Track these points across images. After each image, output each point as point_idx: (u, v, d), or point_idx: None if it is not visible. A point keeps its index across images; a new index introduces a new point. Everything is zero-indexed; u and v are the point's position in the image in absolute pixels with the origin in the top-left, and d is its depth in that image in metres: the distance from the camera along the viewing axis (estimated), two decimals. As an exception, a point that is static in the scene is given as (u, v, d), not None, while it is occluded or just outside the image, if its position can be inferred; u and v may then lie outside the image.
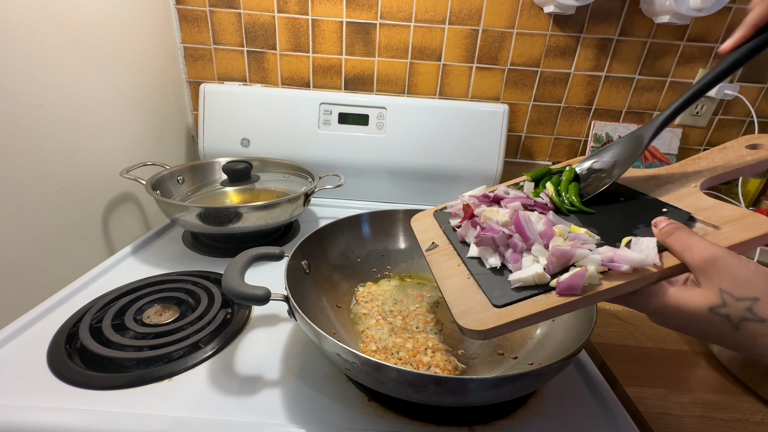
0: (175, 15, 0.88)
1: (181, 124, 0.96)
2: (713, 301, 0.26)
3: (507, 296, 0.32)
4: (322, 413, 0.40)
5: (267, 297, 0.40)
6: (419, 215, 0.52)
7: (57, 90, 0.61)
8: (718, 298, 0.26)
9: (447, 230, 0.45)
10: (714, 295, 0.26)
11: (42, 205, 0.60)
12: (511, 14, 0.85)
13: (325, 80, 0.93)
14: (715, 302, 0.26)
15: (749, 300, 0.25)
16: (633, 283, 0.29)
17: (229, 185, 0.79)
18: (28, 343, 0.46)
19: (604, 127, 0.94)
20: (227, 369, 0.45)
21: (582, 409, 0.43)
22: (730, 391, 0.47)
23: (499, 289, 0.33)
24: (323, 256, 0.57)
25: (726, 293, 0.25)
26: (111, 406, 0.39)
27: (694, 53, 0.87)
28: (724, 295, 0.25)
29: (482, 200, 0.44)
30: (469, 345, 0.49)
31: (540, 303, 0.30)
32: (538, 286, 0.31)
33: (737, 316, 0.25)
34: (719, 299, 0.26)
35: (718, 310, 0.26)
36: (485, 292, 0.33)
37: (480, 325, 0.30)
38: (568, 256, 0.31)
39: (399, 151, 0.89)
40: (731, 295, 0.25)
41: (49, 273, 0.61)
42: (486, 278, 0.35)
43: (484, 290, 0.33)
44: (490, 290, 0.33)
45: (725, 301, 0.25)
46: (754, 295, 0.25)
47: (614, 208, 0.37)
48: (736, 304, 0.25)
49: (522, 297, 0.31)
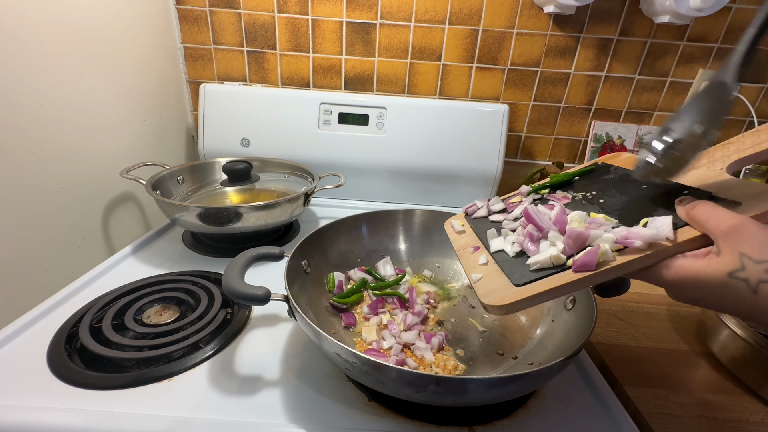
0: (175, 15, 0.88)
1: (181, 124, 0.96)
2: (733, 265, 0.26)
3: (526, 276, 0.34)
4: (322, 413, 0.40)
5: (267, 297, 0.40)
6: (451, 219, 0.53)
7: (57, 90, 0.61)
8: (738, 262, 0.26)
9: (476, 228, 0.46)
10: (734, 260, 0.26)
11: (42, 205, 0.60)
12: (511, 14, 0.85)
13: (325, 80, 0.93)
14: (734, 267, 0.26)
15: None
16: (648, 257, 0.30)
17: (229, 185, 0.79)
18: (28, 343, 0.46)
19: (604, 127, 0.94)
20: (227, 369, 0.45)
21: (582, 409, 0.43)
22: (730, 391, 0.47)
23: (520, 272, 0.35)
24: (323, 256, 0.57)
25: (746, 257, 0.26)
26: (111, 406, 0.39)
27: (694, 53, 0.87)
28: (744, 258, 0.26)
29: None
30: (468, 345, 0.49)
31: (556, 279, 0.32)
32: (555, 266, 0.33)
33: (756, 278, 0.25)
34: (739, 263, 0.26)
35: (737, 274, 0.26)
36: (507, 275, 0.36)
37: (501, 301, 0.33)
38: (583, 237, 0.33)
39: (399, 151, 0.89)
40: (751, 258, 0.25)
41: (49, 273, 0.61)
42: (508, 264, 0.37)
43: (506, 274, 0.36)
44: (511, 273, 0.36)
45: (744, 264, 0.25)
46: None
47: (636, 195, 0.37)
48: (755, 267, 0.25)
49: (540, 276, 0.33)
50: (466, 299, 0.58)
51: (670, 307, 0.62)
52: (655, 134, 0.35)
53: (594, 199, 0.40)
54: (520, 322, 0.52)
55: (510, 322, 0.53)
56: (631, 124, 0.94)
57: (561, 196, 0.43)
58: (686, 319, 0.59)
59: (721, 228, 0.27)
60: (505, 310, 0.33)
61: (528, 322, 0.52)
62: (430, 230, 0.64)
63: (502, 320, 0.53)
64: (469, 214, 0.50)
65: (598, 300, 0.43)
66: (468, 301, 0.57)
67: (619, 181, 0.40)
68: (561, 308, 0.49)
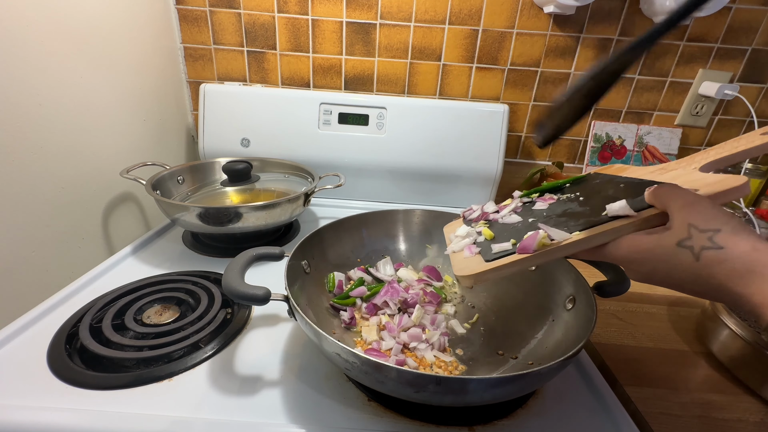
0: (175, 15, 0.88)
1: (181, 124, 0.96)
2: (681, 235, 0.28)
3: (494, 255, 0.40)
4: (322, 413, 0.40)
5: (267, 297, 0.40)
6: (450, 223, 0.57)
7: (57, 90, 0.61)
8: (686, 232, 0.28)
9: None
10: (683, 230, 0.28)
11: (42, 205, 0.60)
12: (511, 14, 0.85)
13: (325, 80, 0.93)
14: (682, 236, 0.28)
15: (711, 231, 0.27)
16: (605, 234, 0.34)
17: (229, 185, 0.79)
18: (28, 343, 0.46)
19: (604, 127, 0.94)
20: (227, 369, 0.45)
21: (582, 409, 0.43)
22: (730, 391, 0.47)
23: (491, 254, 0.41)
24: (323, 256, 0.57)
25: (693, 227, 0.28)
26: (111, 406, 0.39)
27: (694, 53, 0.87)
28: (691, 228, 0.28)
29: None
30: (468, 345, 0.49)
31: (518, 256, 0.38)
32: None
33: (699, 246, 0.27)
34: (686, 232, 0.28)
35: (684, 242, 0.28)
36: (482, 255, 0.41)
37: (469, 272, 0.40)
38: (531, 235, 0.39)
39: (399, 151, 0.89)
40: (697, 228, 0.28)
41: (49, 273, 0.61)
42: (485, 247, 0.43)
43: (482, 255, 0.42)
44: (484, 254, 0.41)
45: (691, 233, 0.28)
46: (716, 227, 0.27)
47: (612, 192, 0.40)
48: (700, 235, 0.28)
49: (504, 254, 0.39)
50: (464, 299, 0.58)
51: (670, 307, 0.62)
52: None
53: (575, 199, 0.43)
54: (520, 322, 0.52)
55: (510, 322, 0.53)
56: (631, 124, 0.94)
57: (548, 197, 0.46)
58: (686, 319, 0.59)
59: (678, 204, 0.30)
60: (473, 280, 0.39)
61: (528, 322, 0.52)
62: (430, 230, 0.64)
63: (502, 320, 0.53)
64: (466, 218, 0.53)
65: (598, 300, 0.44)
66: (467, 301, 0.57)
67: (602, 184, 0.44)
68: (561, 308, 0.49)
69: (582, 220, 0.37)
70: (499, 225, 0.46)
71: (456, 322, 0.53)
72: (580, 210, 0.40)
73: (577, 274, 0.48)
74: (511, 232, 0.43)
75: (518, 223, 0.44)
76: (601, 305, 0.60)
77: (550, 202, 0.45)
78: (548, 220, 0.41)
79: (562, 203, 0.43)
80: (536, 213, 0.44)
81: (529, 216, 0.44)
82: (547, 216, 0.42)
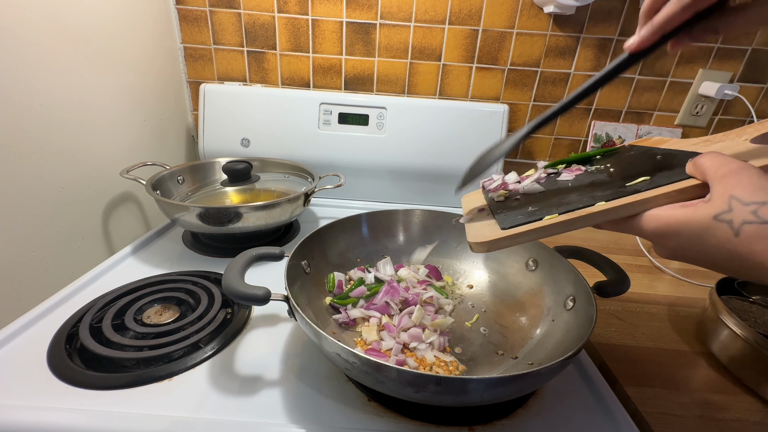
0: (175, 15, 0.88)
1: (181, 124, 0.96)
2: (720, 208, 0.25)
3: (514, 221, 0.37)
4: (322, 413, 0.40)
5: (267, 297, 0.40)
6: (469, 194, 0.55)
7: (57, 90, 0.61)
8: (726, 204, 0.25)
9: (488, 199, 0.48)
10: (723, 203, 0.25)
11: (42, 205, 0.60)
12: (511, 14, 0.85)
13: (325, 80, 0.93)
14: (721, 209, 0.25)
15: (756, 204, 0.24)
16: (634, 205, 0.30)
17: (229, 185, 0.78)
18: (28, 343, 0.46)
19: (604, 127, 0.94)
20: (227, 369, 0.45)
21: (582, 409, 0.43)
22: (730, 391, 0.47)
23: (510, 219, 0.38)
24: (323, 256, 0.57)
25: (735, 198, 0.25)
26: (111, 406, 0.39)
27: (694, 53, 0.87)
28: (732, 200, 0.25)
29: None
30: (468, 345, 0.49)
31: (539, 223, 0.35)
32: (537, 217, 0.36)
33: (740, 220, 0.24)
34: (726, 205, 0.25)
35: (723, 216, 0.25)
36: (498, 223, 0.39)
37: (483, 239, 0.37)
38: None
39: (399, 151, 0.89)
40: (739, 200, 0.25)
41: (49, 273, 0.61)
42: (502, 215, 0.40)
43: (498, 222, 0.39)
44: (502, 221, 0.38)
45: (732, 206, 0.25)
46: (762, 200, 0.24)
47: (647, 163, 0.37)
48: (742, 208, 0.24)
49: (524, 221, 0.36)
50: (464, 299, 0.58)
51: (670, 307, 0.62)
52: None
53: (605, 170, 0.40)
54: (520, 322, 0.52)
55: (510, 322, 0.53)
56: (631, 124, 0.94)
57: (575, 168, 0.44)
58: (686, 319, 0.59)
59: (720, 173, 0.26)
60: (486, 247, 0.37)
61: (528, 322, 0.52)
62: (430, 230, 0.64)
63: (502, 320, 0.53)
64: (485, 188, 0.51)
65: (598, 300, 0.44)
66: (468, 301, 0.57)
67: (637, 156, 0.40)
68: (561, 308, 0.49)
69: (609, 191, 0.34)
70: (519, 195, 0.44)
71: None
72: (609, 181, 0.37)
73: (577, 274, 0.48)
74: (531, 201, 0.40)
75: (540, 194, 0.41)
76: (601, 305, 0.60)
77: (577, 173, 0.42)
78: (574, 191, 0.38)
79: (591, 174, 0.41)
80: (561, 184, 0.41)
81: (553, 187, 0.42)
82: (572, 187, 0.39)
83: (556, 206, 0.36)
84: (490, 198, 0.46)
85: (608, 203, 0.32)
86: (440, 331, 0.50)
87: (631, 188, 0.32)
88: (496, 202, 0.45)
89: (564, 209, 0.35)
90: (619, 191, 0.33)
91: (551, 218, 0.34)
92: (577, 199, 0.36)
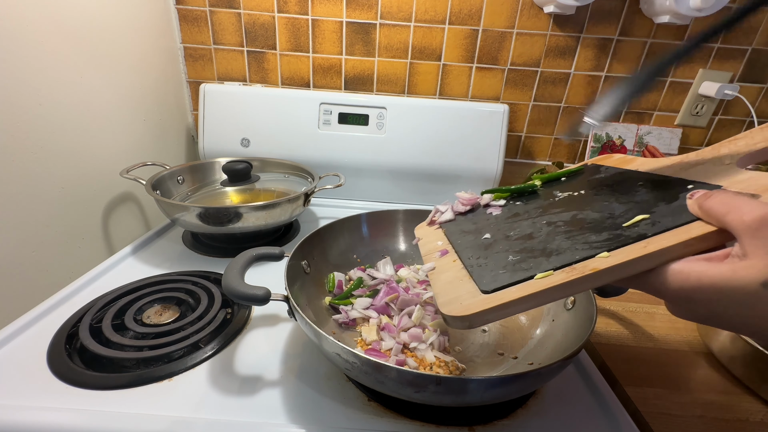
0: (175, 15, 0.88)
1: (181, 124, 0.96)
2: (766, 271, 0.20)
3: (497, 281, 0.29)
4: (322, 413, 0.40)
5: (267, 297, 0.40)
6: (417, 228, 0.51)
7: (57, 90, 0.61)
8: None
9: (448, 232, 0.45)
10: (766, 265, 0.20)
11: (42, 205, 0.60)
12: (511, 14, 0.85)
13: (325, 80, 0.93)
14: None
15: None
16: (648, 258, 0.25)
17: (229, 185, 0.78)
18: (28, 343, 0.46)
19: (604, 127, 0.94)
20: (227, 369, 0.45)
21: (582, 409, 0.43)
22: (730, 391, 0.47)
23: (491, 275, 0.30)
24: (323, 256, 0.57)
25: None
26: (111, 406, 0.39)
27: (694, 53, 0.87)
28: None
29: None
30: (468, 345, 0.49)
31: (533, 285, 0.27)
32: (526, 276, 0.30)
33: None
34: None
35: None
36: (475, 281, 0.31)
37: (464, 311, 0.28)
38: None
39: (399, 151, 0.89)
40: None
41: (49, 273, 0.61)
42: (478, 269, 0.33)
43: (474, 279, 0.32)
44: (480, 278, 0.31)
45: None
46: None
47: (628, 193, 0.33)
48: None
49: (514, 281, 0.29)
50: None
51: (670, 307, 0.62)
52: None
53: (579, 198, 0.36)
54: (520, 322, 0.52)
55: (510, 322, 0.53)
56: (631, 124, 0.94)
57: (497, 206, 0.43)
58: (686, 319, 0.59)
59: (746, 221, 0.21)
60: (468, 322, 0.28)
61: (528, 322, 0.52)
62: (430, 230, 0.64)
63: (502, 320, 0.53)
64: (435, 222, 0.47)
65: (598, 300, 0.44)
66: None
67: (613, 182, 0.37)
68: (561, 308, 0.49)
69: (605, 234, 0.28)
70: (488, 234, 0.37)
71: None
72: (598, 218, 0.31)
73: (577, 274, 0.48)
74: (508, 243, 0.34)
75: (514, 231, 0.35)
76: (601, 305, 0.60)
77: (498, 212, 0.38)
78: (555, 229, 0.32)
79: (566, 203, 0.36)
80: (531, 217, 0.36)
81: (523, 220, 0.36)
82: (551, 222, 0.33)
83: (544, 255, 0.30)
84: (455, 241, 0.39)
85: (614, 255, 0.26)
86: (440, 331, 0.50)
87: (634, 232, 0.27)
88: (461, 243, 0.38)
89: (558, 262, 0.28)
90: (617, 235, 0.28)
91: (546, 276, 0.28)
92: (568, 244, 0.30)
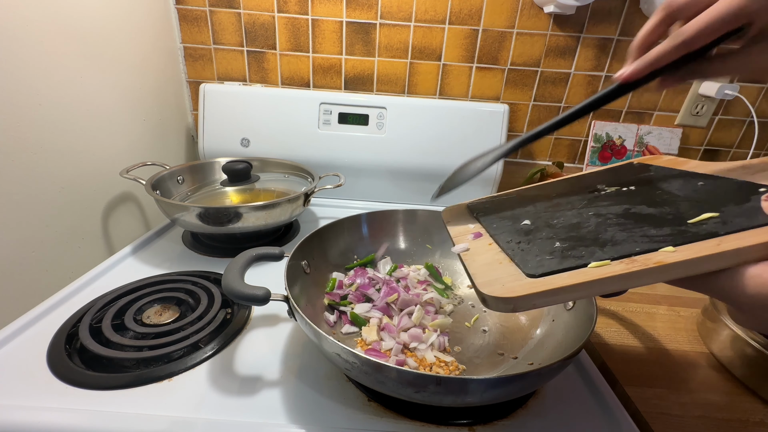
0: (175, 15, 0.88)
1: (181, 124, 0.96)
2: None
3: (544, 266, 0.27)
4: (322, 413, 0.40)
5: (267, 297, 0.40)
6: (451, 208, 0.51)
7: (57, 90, 0.61)
8: None
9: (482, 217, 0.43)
10: None
11: (42, 205, 0.60)
12: (511, 14, 0.85)
13: (325, 80, 0.93)
14: None
15: None
16: (721, 256, 0.22)
17: (229, 185, 0.78)
18: (28, 343, 0.46)
19: (604, 127, 0.93)
20: (227, 369, 0.45)
21: (582, 409, 0.43)
22: (730, 391, 0.47)
23: (536, 260, 0.29)
24: (323, 256, 0.57)
25: None
26: (111, 406, 0.39)
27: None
28: None
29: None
30: (468, 345, 0.49)
31: (588, 273, 0.25)
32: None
33: None
34: None
35: None
36: (518, 265, 0.29)
37: (508, 293, 0.26)
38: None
39: (399, 151, 0.89)
40: None
41: (49, 273, 0.61)
42: (521, 253, 0.31)
43: (517, 263, 0.30)
44: (524, 262, 0.29)
45: None
46: None
47: (688, 191, 0.31)
48: None
49: (564, 267, 0.27)
50: (464, 299, 0.58)
51: (670, 307, 0.62)
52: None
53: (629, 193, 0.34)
54: (520, 322, 0.52)
55: (510, 322, 0.53)
56: (631, 124, 0.93)
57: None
58: (686, 319, 0.59)
59: None
60: (512, 305, 0.26)
61: (528, 322, 0.52)
62: (431, 230, 0.64)
63: (502, 320, 0.53)
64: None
65: (598, 300, 0.44)
66: (467, 301, 0.57)
67: (667, 178, 0.34)
68: (561, 308, 0.49)
69: (667, 228, 0.26)
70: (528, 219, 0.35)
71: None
72: (655, 212, 0.29)
73: (577, 274, 0.48)
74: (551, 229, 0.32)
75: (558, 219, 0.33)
76: (601, 305, 0.60)
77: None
78: (606, 221, 0.30)
79: (613, 198, 0.34)
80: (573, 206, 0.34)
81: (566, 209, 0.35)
82: (599, 214, 0.31)
83: (596, 244, 0.28)
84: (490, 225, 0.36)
85: (680, 251, 0.24)
86: (440, 331, 0.50)
87: (702, 230, 0.24)
88: (498, 227, 0.36)
89: (615, 252, 0.26)
90: (682, 231, 0.25)
91: (601, 265, 0.25)
92: (623, 236, 0.27)
